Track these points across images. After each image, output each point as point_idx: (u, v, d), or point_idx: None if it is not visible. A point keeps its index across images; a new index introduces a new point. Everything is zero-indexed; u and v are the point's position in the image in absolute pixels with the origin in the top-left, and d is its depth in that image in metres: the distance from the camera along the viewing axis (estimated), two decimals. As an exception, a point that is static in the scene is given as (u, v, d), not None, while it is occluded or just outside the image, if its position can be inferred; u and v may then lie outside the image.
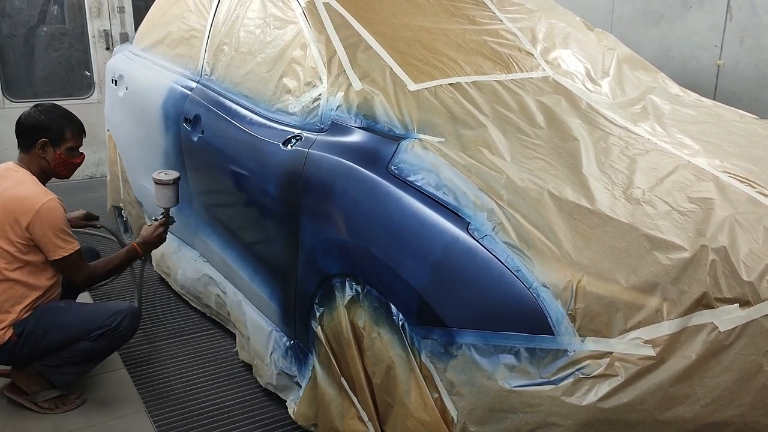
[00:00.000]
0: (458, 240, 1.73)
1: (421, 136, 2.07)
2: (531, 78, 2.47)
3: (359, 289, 2.03)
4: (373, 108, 2.19)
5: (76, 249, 2.55)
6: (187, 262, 3.35)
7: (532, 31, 2.78)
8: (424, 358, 1.77)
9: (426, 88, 2.27)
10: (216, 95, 2.92)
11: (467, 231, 1.72)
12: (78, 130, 2.68)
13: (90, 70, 5.91)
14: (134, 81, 3.72)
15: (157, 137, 3.34)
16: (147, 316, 3.39)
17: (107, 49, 5.82)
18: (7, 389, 2.66)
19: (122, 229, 4.37)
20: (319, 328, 2.24)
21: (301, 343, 2.43)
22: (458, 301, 1.70)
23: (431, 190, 1.85)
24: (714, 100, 3.68)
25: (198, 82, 3.11)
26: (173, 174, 2.83)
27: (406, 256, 1.82)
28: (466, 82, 2.34)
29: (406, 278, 1.81)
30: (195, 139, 2.94)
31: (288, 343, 2.53)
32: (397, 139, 2.08)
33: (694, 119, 2.48)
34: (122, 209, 4.27)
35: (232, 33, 2.96)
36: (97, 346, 2.56)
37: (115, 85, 3.98)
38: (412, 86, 2.26)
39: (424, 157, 1.95)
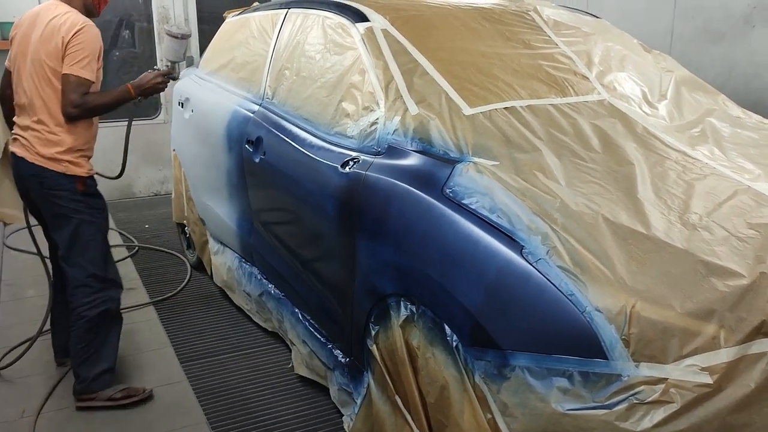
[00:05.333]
0: (512, 263, 1.75)
1: (476, 159, 2.10)
2: (586, 101, 2.48)
3: (414, 309, 2.07)
4: (428, 132, 2.24)
5: (89, 78, 2.68)
6: (247, 278, 3.46)
7: (587, 55, 2.78)
8: (477, 379, 1.79)
9: (481, 112, 2.30)
10: (277, 118, 3.02)
11: (521, 254, 1.75)
12: None
13: (157, 91, 6.17)
14: (200, 103, 3.88)
15: (221, 158, 3.48)
16: (210, 331, 3.52)
17: (173, 71, 6.07)
18: (77, 402, 2.83)
19: (185, 245, 4.53)
20: (374, 346, 2.29)
21: (356, 361, 2.48)
22: (512, 324, 1.72)
23: (485, 213, 1.88)
24: (779, 120, 3.59)
25: (260, 105, 3.23)
26: (185, 30, 3.13)
27: (460, 277, 1.86)
28: (521, 106, 2.37)
29: (460, 300, 1.84)
30: (257, 160, 3.05)
31: (344, 360, 2.59)
32: (452, 162, 2.12)
33: (756, 142, 2.44)
34: (185, 226, 4.43)
35: (293, 58, 3.07)
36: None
37: (182, 107, 4.15)
38: (468, 110, 2.31)
39: (478, 181, 1.99)
